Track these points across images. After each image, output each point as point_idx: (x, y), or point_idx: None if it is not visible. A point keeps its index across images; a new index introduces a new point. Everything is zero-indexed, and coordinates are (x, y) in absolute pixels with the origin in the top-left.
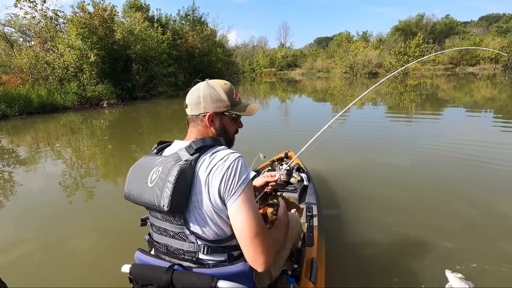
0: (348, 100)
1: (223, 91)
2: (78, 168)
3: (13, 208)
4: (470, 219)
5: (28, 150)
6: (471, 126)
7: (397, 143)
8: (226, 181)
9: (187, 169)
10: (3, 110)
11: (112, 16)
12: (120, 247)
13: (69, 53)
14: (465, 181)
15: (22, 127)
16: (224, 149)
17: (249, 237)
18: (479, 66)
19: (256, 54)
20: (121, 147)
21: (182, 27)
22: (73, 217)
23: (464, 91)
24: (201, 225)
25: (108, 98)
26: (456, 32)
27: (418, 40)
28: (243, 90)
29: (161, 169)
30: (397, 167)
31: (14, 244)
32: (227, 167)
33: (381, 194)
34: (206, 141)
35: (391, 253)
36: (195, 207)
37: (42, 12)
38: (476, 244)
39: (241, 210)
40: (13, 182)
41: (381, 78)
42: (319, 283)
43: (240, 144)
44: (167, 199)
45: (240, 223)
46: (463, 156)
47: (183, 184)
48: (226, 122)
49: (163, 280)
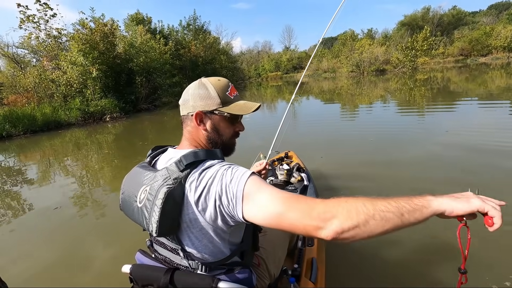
0: (356, 99)
1: (213, 88)
2: (83, 175)
3: (20, 216)
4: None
5: (35, 167)
6: (487, 118)
7: (401, 143)
8: (222, 199)
9: (175, 189)
10: (7, 130)
11: (112, 31)
12: (121, 247)
13: (72, 69)
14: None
15: (28, 146)
16: (214, 165)
17: (288, 210)
18: (492, 55)
19: (261, 59)
20: (124, 158)
21: (184, 37)
22: (74, 219)
23: (477, 82)
24: (196, 245)
25: (111, 112)
26: (464, 23)
27: (426, 34)
28: (250, 95)
29: (149, 189)
30: (398, 168)
31: (17, 245)
32: (217, 182)
33: (381, 194)
34: (198, 155)
35: (391, 253)
36: (188, 227)
37: (46, 31)
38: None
39: (253, 206)
40: (22, 194)
41: (389, 74)
42: (319, 283)
43: (240, 144)
44: (155, 224)
45: (264, 217)
46: (480, 154)
47: (172, 206)
48: (218, 123)
49: (162, 281)
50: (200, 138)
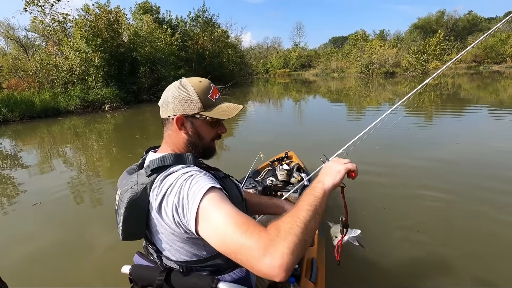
0: (363, 101)
1: (194, 90)
2: (82, 172)
3: (16, 209)
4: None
5: (28, 156)
6: (499, 129)
7: (406, 149)
8: (178, 211)
9: (139, 195)
10: (3, 114)
11: (117, 18)
12: (121, 247)
13: (74, 56)
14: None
15: (24, 132)
16: (177, 171)
17: (232, 242)
18: (506, 64)
19: (270, 55)
20: (124, 150)
21: (193, 29)
22: (74, 218)
23: (488, 91)
24: (167, 249)
25: (111, 101)
26: (479, 29)
27: (439, 38)
28: (257, 91)
29: (120, 193)
30: (399, 168)
31: (15, 243)
32: (175, 193)
33: (382, 194)
34: (165, 160)
35: (391, 253)
36: (156, 232)
37: (50, 15)
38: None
39: (206, 226)
40: (17, 185)
41: (398, 78)
42: (319, 283)
43: (240, 144)
44: (121, 228)
45: (214, 239)
46: (491, 170)
47: (136, 212)
48: (200, 126)
49: (157, 281)
50: (179, 142)
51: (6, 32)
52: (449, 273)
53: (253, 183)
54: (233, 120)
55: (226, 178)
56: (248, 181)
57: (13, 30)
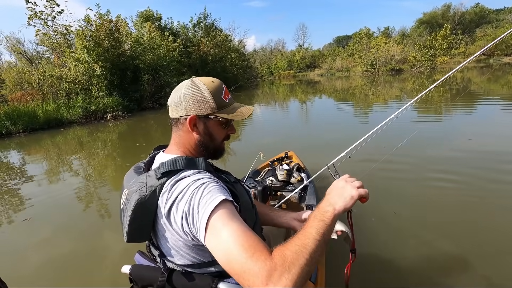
0: (370, 99)
1: (208, 90)
2: (86, 175)
3: (22, 213)
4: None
5: (35, 166)
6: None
7: (416, 147)
8: (187, 216)
9: (148, 198)
10: (7, 127)
11: (118, 27)
12: (121, 247)
13: (76, 66)
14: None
15: (27, 144)
16: (189, 177)
17: (237, 265)
18: None
19: (274, 57)
20: (128, 157)
21: (195, 34)
22: (75, 219)
23: (500, 84)
24: (173, 254)
25: (113, 110)
26: (488, 21)
27: (446, 32)
28: (263, 94)
29: (127, 193)
30: (401, 166)
31: (19, 245)
32: (186, 201)
33: (381, 194)
34: (176, 164)
35: (391, 253)
36: (162, 236)
37: (53, 28)
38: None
39: (214, 241)
40: (25, 193)
41: (405, 74)
42: (319, 283)
43: (241, 144)
44: (126, 230)
45: (220, 256)
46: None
47: (143, 215)
48: (212, 127)
49: (159, 281)
50: (190, 143)
51: (12, 46)
52: (450, 273)
53: (253, 183)
54: (236, 121)
55: (236, 183)
56: (248, 181)
57: (19, 44)
